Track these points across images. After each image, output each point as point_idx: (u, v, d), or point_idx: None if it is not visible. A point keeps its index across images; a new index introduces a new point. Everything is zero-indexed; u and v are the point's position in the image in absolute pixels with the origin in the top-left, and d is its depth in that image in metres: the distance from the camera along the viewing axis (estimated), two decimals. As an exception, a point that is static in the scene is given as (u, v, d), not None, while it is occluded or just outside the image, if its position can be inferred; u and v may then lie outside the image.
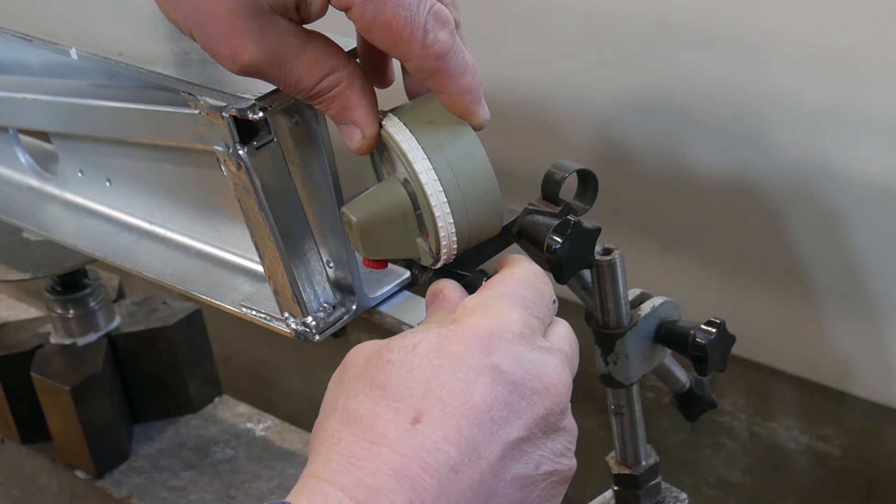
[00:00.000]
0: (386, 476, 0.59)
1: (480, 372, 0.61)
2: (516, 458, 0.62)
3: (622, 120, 1.36)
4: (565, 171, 0.74)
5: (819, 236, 1.27)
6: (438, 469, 0.59)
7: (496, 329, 0.62)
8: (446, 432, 0.60)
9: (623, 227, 1.40)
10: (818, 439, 1.25)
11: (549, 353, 0.64)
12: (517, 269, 0.68)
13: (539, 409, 0.62)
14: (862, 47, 1.15)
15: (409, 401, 0.61)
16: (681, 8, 1.25)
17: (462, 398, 0.60)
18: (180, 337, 1.25)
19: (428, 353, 0.62)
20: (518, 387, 0.62)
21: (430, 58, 0.65)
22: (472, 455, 0.60)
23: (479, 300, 0.65)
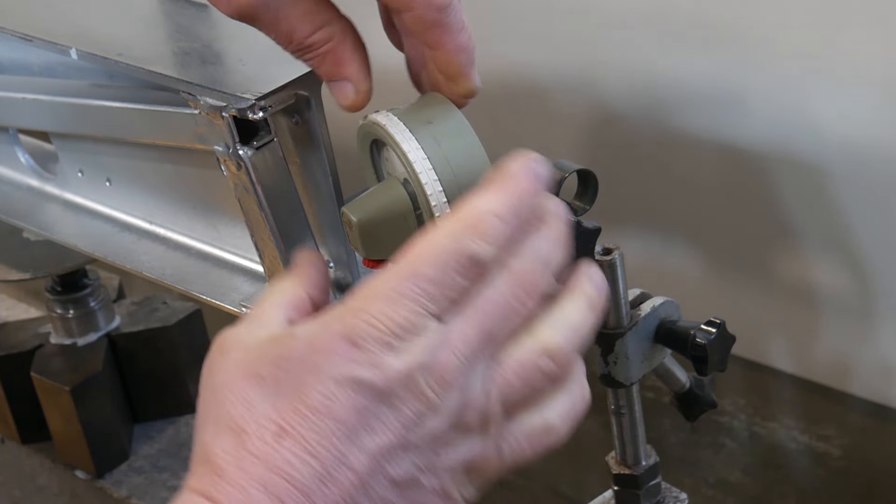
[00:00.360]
0: (255, 490, 0.59)
1: (342, 384, 0.60)
2: (389, 462, 0.61)
3: (622, 119, 1.36)
4: (565, 171, 0.74)
5: (819, 236, 1.27)
6: (304, 482, 0.59)
7: (360, 337, 0.60)
8: (309, 446, 0.60)
9: (623, 227, 1.40)
10: (818, 439, 1.24)
11: (422, 353, 0.60)
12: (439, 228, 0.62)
13: (407, 414, 0.60)
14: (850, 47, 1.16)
15: (273, 416, 0.60)
16: (685, 5, 1.25)
17: (324, 412, 0.60)
18: (180, 337, 1.25)
19: (294, 364, 0.61)
20: (382, 396, 0.60)
21: (431, 8, 0.65)
22: (338, 466, 0.60)
23: (369, 288, 0.61)
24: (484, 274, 0.61)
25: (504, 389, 0.62)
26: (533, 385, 0.63)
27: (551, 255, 0.64)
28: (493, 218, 0.61)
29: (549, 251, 0.63)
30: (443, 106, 0.69)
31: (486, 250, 0.61)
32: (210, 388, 0.64)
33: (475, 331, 0.61)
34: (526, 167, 0.63)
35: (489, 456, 0.63)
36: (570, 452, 1.27)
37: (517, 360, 0.63)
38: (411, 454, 0.61)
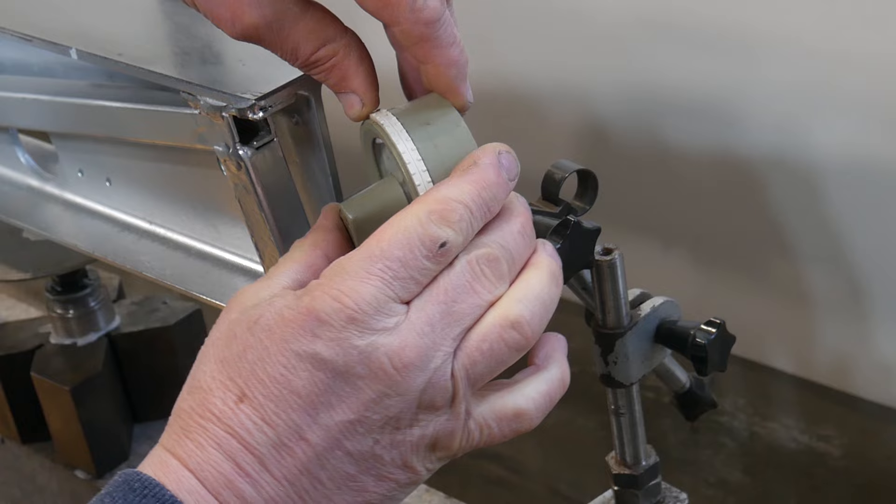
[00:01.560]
0: (212, 449, 0.62)
1: (302, 358, 0.61)
2: (346, 438, 0.62)
3: (621, 118, 1.36)
4: (565, 171, 0.74)
5: (820, 237, 1.27)
6: (258, 447, 0.61)
7: (325, 313, 0.61)
8: (265, 414, 0.61)
9: (623, 227, 1.40)
10: (818, 439, 1.24)
11: (387, 334, 0.61)
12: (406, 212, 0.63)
13: (367, 394, 0.61)
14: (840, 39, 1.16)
15: (238, 380, 0.62)
16: (678, 6, 1.25)
17: (282, 383, 0.61)
18: (180, 337, 1.25)
19: (262, 332, 0.62)
20: (341, 374, 0.61)
21: (418, 23, 0.65)
22: (293, 437, 0.61)
23: (336, 268, 0.63)
24: (449, 259, 0.63)
25: (469, 367, 0.63)
26: (498, 358, 0.64)
27: (515, 244, 0.65)
28: (458, 205, 0.63)
29: (513, 240, 0.65)
30: (442, 108, 0.69)
31: (451, 236, 0.63)
32: (205, 343, 0.66)
33: (439, 312, 0.63)
34: (493, 158, 0.65)
35: (456, 432, 0.64)
36: (570, 452, 1.27)
37: (480, 335, 0.64)
38: (372, 432, 0.62)
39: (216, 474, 0.61)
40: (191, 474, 0.62)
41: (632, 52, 1.31)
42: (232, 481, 0.61)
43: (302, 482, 0.62)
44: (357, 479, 0.63)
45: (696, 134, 1.31)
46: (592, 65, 1.35)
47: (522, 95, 1.42)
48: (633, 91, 1.34)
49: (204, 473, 0.61)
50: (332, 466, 0.62)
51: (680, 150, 1.32)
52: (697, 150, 1.31)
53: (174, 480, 0.62)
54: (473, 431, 0.65)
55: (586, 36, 1.33)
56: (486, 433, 0.65)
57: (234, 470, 0.61)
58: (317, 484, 0.62)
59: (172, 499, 0.60)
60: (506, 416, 0.66)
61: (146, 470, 0.63)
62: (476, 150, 0.66)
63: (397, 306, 0.62)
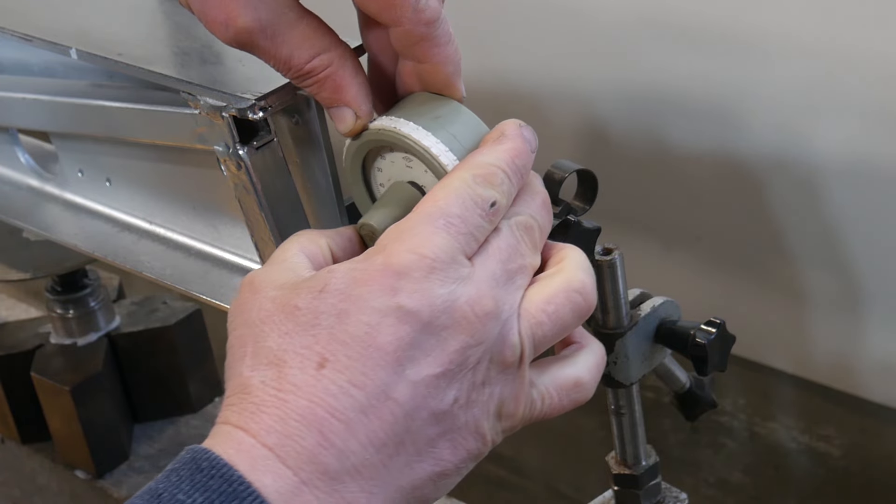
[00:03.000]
0: (293, 422, 0.59)
1: (385, 313, 0.60)
2: (431, 394, 0.61)
3: (621, 118, 1.36)
4: (565, 171, 0.74)
5: (820, 237, 1.27)
6: (345, 412, 0.60)
7: (403, 266, 0.61)
8: (351, 376, 0.60)
9: (623, 227, 1.40)
10: (818, 439, 1.25)
11: (464, 283, 0.62)
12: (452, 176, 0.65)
13: (452, 345, 0.61)
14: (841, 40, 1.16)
15: (315, 347, 0.61)
16: (679, 6, 1.25)
17: (366, 341, 0.60)
18: (180, 337, 1.25)
19: (333, 297, 0.61)
20: (426, 325, 0.61)
21: (420, 23, 0.65)
22: (380, 397, 0.60)
23: (398, 229, 0.63)
24: (498, 219, 0.65)
25: (534, 328, 0.64)
26: (563, 322, 0.65)
27: (541, 216, 0.67)
28: (497, 170, 0.65)
29: (539, 213, 0.67)
30: (442, 101, 0.69)
31: (498, 196, 0.64)
32: (245, 324, 0.64)
33: (499, 269, 0.64)
34: (518, 129, 0.67)
35: (520, 397, 0.65)
36: (570, 452, 1.27)
37: (545, 298, 0.65)
38: (453, 386, 0.62)
39: (299, 448, 0.59)
40: (268, 451, 0.59)
41: (632, 51, 1.31)
42: (316, 454, 0.59)
43: (388, 448, 0.60)
44: (436, 445, 0.62)
45: (697, 134, 1.31)
46: (593, 64, 1.35)
47: (522, 95, 1.42)
48: (634, 91, 1.34)
49: (285, 449, 0.59)
50: (416, 428, 0.61)
51: (680, 149, 1.32)
52: (697, 150, 1.31)
53: (248, 459, 0.59)
54: (535, 400, 0.65)
55: (587, 36, 1.34)
56: (548, 403, 0.66)
57: (319, 442, 0.59)
58: (401, 449, 0.61)
59: (241, 479, 0.58)
60: (566, 386, 0.67)
61: (215, 448, 0.60)
62: (500, 124, 0.68)
63: (465, 259, 0.63)
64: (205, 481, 0.59)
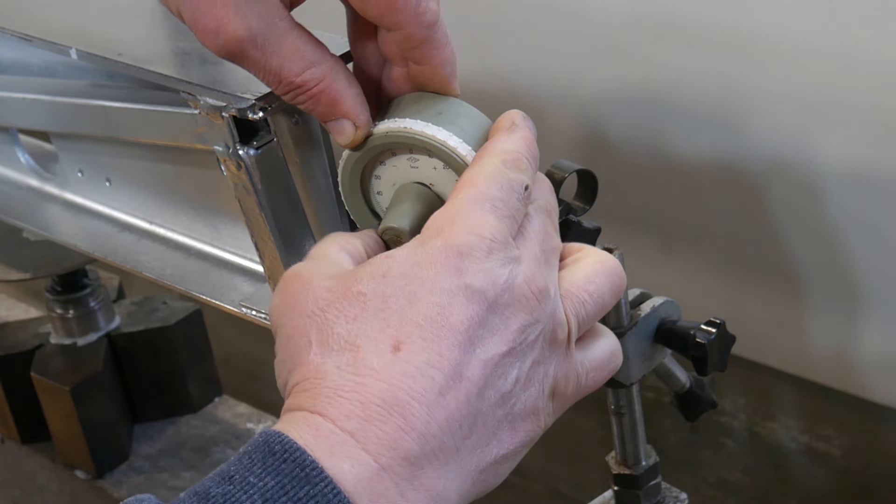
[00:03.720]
0: (374, 406, 0.59)
1: (454, 293, 0.61)
2: (497, 374, 0.62)
3: (621, 119, 1.36)
4: (565, 172, 0.74)
5: (820, 237, 1.27)
6: (425, 394, 0.60)
7: (465, 247, 0.62)
8: (428, 357, 0.60)
9: (623, 227, 1.40)
10: (818, 439, 1.25)
11: (518, 262, 0.63)
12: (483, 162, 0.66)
13: (514, 323, 0.62)
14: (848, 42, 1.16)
15: (388, 330, 0.61)
16: (679, 7, 1.25)
17: (439, 321, 0.60)
18: (180, 337, 1.25)
19: (399, 280, 0.61)
20: (492, 304, 0.61)
21: (421, 25, 0.66)
22: (455, 377, 0.60)
23: (447, 214, 0.64)
24: (529, 202, 0.66)
25: (578, 307, 0.66)
26: (603, 301, 0.67)
27: (552, 199, 0.69)
28: (521, 155, 0.67)
29: (551, 198, 0.69)
30: (440, 97, 0.69)
31: (528, 181, 0.66)
32: (302, 315, 0.63)
33: (539, 249, 0.65)
34: (525, 120, 0.69)
35: (570, 376, 0.65)
36: (570, 452, 1.27)
37: (585, 277, 0.66)
38: (515, 365, 0.62)
39: (380, 434, 0.59)
40: (348, 436, 0.59)
41: (633, 52, 1.31)
42: (397, 439, 0.59)
43: (462, 429, 0.60)
44: (501, 427, 0.62)
45: (697, 134, 1.31)
46: (593, 65, 1.35)
47: (522, 95, 1.42)
48: (634, 91, 1.34)
49: (366, 434, 0.59)
50: (486, 409, 0.61)
51: (680, 149, 1.32)
52: (698, 150, 1.31)
53: (326, 444, 0.58)
54: (582, 376, 0.66)
55: (587, 36, 1.34)
56: (591, 377, 0.67)
57: (400, 425, 0.59)
58: (472, 431, 0.61)
59: (314, 464, 0.58)
60: (604, 358, 0.68)
61: (291, 432, 0.59)
62: (507, 114, 0.69)
63: (513, 241, 0.64)
64: (277, 465, 0.58)
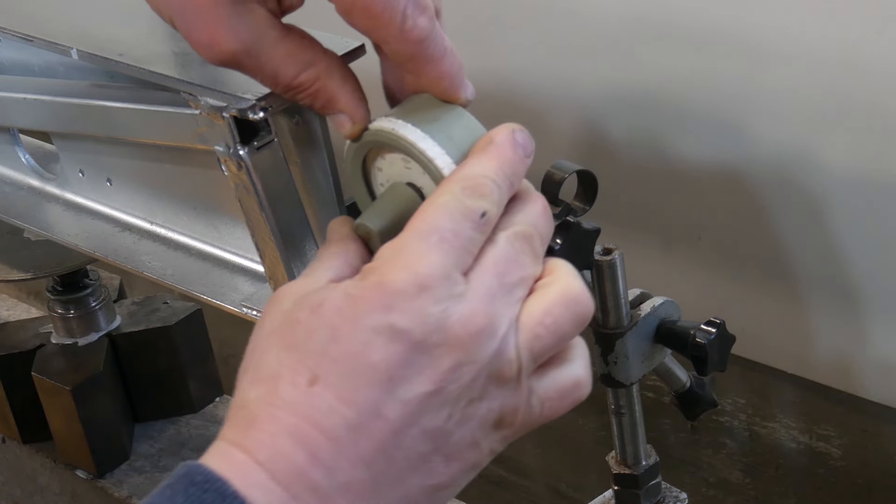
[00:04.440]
0: (284, 438, 0.60)
1: (378, 332, 0.60)
2: (423, 412, 0.61)
3: (621, 119, 1.36)
4: (565, 172, 0.74)
5: (820, 237, 1.27)
6: (334, 430, 0.60)
7: (396, 284, 0.61)
8: (341, 393, 0.60)
9: (623, 227, 1.40)
10: (818, 439, 1.24)
11: (457, 300, 0.61)
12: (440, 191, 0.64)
13: (444, 363, 0.61)
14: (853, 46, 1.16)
15: (308, 362, 0.61)
16: (679, 7, 1.25)
17: (358, 359, 0.60)
18: (181, 337, 1.25)
19: (329, 313, 0.61)
20: (418, 344, 0.60)
21: (408, 42, 0.65)
22: (370, 415, 0.60)
23: (391, 247, 0.63)
24: (489, 229, 0.64)
25: (532, 341, 0.63)
26: (562, 333, 0.64)
27: (541, 224, 0.66)
28: (485, 179, 0.64)
29: (539, 220, 0.66)
30: (442, 105, 0.69)
31: (487, 206, 0.64)
32: (258, 335, 0.64)
33: (495, 283, 0.63)
34: (508, 136, 0.66)
35: (519, 408, 0.64)
36: (570, 452, 1.27)
37: (543, 309, 0.64)
38: (447, 405, 0.61)
39: (288, 465, 0.59)
40: (259, 467, 0.59)
41: (633, 53, 1.31)
42: (304, 471, 0.59)
43: (378, 464, 0.60)
44: (429, 460, 0.62)
45: (697, 134, 1.31)
46: (593, 65, 1.35)
47: (522, 95, 1.42)
48: (634, 92, 1.34)
49: (275, 465, 0.59)
50: (407, 445, 0.61)
51: (680, 150, 1.32)
52: (698, 150, 1.31)
53: (240, 474, 0.59)
54: (535, 407, 0.64)
55: (587, 36, 1.34)
56: (549, 406, 0.65)
57: (308, 459, 0.59)
58: (391, 466, 0.61)
59: (234, 494, 0.58)
60: (566, 388, 0.65)
61: (210, 463, 0.60)
62: (492, 131, 0.67)
63: (459, 276, 0.62)
64: (199, 495, 0.59)
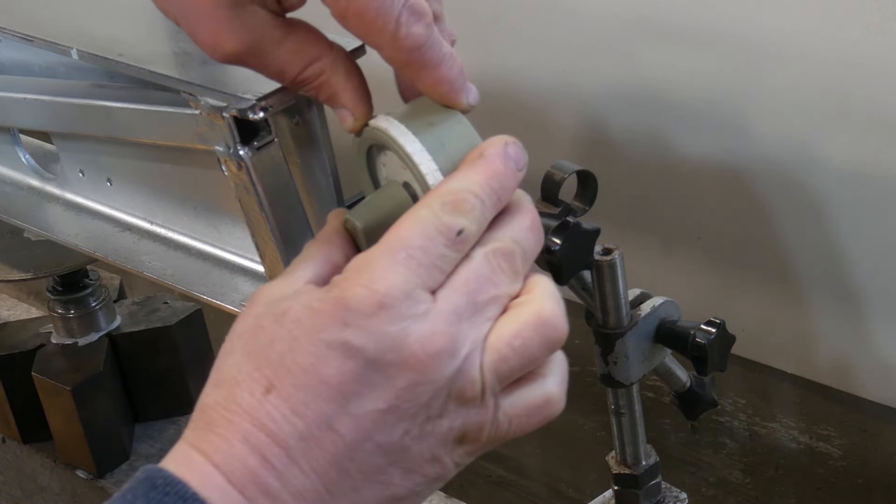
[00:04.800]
0: (238, 443, 0.61)
1: (332, 346, 0.61)
2: (377, 428, 0.61)
3: (621, 119, 1.36)
4: (565, 172, 0.74)
5: (819, 237, 1.27)
6: (286, 439, 0.60)
7: (354, 301, 0.61)
8: (294, 405, 0.61)
9: (623, 227, 1.40)
10: (818, 439, 1.24)
11: (417, 320, 0.61)
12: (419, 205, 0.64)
13: (399, 382, 0.61)
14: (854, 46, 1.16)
15: (266, 370, 0.61)
16: (679, 7, 1.25)
17: (311, 372, 0.61)
18: (181, 337, 1.25)
19: (290, 323, 0.62)
20: (372, 362, 0.60)
21: (402, 50, 0.65)
22: (321, 427, 0.60)
23: (358, 262, 0.63)
24: (466, 247, 0.63)
25: (498, 363, 0.63)
26: (530, 356, 0.63)
27: (527, 240, 0.65)
28: (469, 195, 0.63)
29: (525, 236, 0.65)
30: (441, 110, 0.69)
31: (466, 224, 0.62)
32: (229, 337, 0.65)
33: (464, 302, 0.62)
34: (500, 149, 0.65)
35: (484, 425, 0.63)
36: (570, 452, 1.27)
37: (512, 332, 0.63)
38: (403, 422, 0.61)
39: (242, 469, 0.60)
40: (216, 470, 0.60)
41: (633, 52, 1.31)
42: (258, 476, 0.60)
43: (330, 475, 0.61)
44: (385, 472, 0.62)
45: (697, 134, 1.31)
46: (593, 65, 1.35)
47: (522, 95, 1.42)
48: (634, 91, 1.34)
49: (230, 468, 0.60)
50: (361, 458, 0.61)
51: (680, 149, 1.32)
52: (698, 150, 1.31)
53: (198, 477, 0.60)
54: (502, 423, 0.64)
55: (587, 36, 1.34)
56: (516, 423, 0.64)
57: (261, 464, 0.60)
58: (345, 476, 0.61)
59: (195, 496, 0.59)
60: (536, 405, 0.64)
61: (170, 466, 0.61)
62: (484, 142, 0.66)
63: (424, 294, 0.61)
64: (160, 498, 0.59)
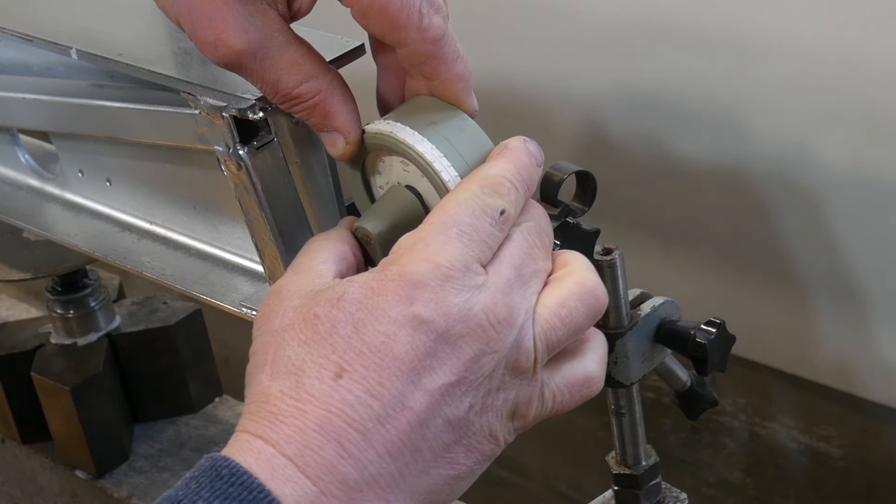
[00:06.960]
0: (312, 431, 0.60)
1: (401, 323, 0.61)
2: (447, 402, 0.62)
3: (621, 119, 1.36)
4: (564, 173, 0.74)
5: (820, 237, 1.27)
6: (362, 422, 0.60)
7: (419, 275, 0.62)
8: (368, 386, 0.61)
9: (623, 227, 1.41)
10: (818, 439, 1.25)
11: (478, 291, 0.63)
12: (461, 188, 0.66)
13: (467, 353, 0.62)
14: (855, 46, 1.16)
15: (332, 356, 0.61)
16: (679, 7, 1.25)
17: (382, 351, 0.61)
18: (181, 337, 1.25)
19: (351, 306, 0.62)
20: (442, 334, 0.62)
21: (425, 42, 0.66)
22: (396, 406, 0.61)
23: (412, 239, 0.64)
24: (508, 226, 0.66)
25: (548, 332, 0.65)
26: (576, 324, 0.66)
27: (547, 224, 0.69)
28: (504, 180, 0.66)
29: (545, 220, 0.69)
30: (441, 106, 0.69)
31: (506, 205, 0.65)
32: (268, 332, 0.65)
33: (513, 274, 0.65)
34: (522, 144, 0.69)
35: (533, 399, 0.65)
36: (570, 452, 1.27)
37: (558, 302, 0.66)
38: (469, 394, 0.63)
39: (318, 459, 0.60)
40: (288, 461, 0.60)
41: (633, 53, 1.31)
42: (334, 465, 0.60)
43: (405, 455, 0.61)
44: (451, 450, 0.63)
45: (697, 134, 1.31)
46: (593, 65, 1.35)
47: (522, 96, 1.42)
48: (634, 92, 1.34)
49: (304, 459, 0.60)
50: (432, 436, 0.62)
51: (680, 150, 1.32)
52: (698, 151, 1.31)
53: (267, 468, 0.60)
54: (548, 399, 0.66)
55: (587, 36, 1.34)
56: (559, 400, 0.67)
57: (337, 451, 0.60)
58: (417, 456, 0.62)
59: (260, 487, 0.59)
60: (577, 383, 0.67)
61: (235, 456, 0.61)
62: (505, 140, 0.69)
63: (480, 267, 0.64)
64: (224, 488, 0.59)
